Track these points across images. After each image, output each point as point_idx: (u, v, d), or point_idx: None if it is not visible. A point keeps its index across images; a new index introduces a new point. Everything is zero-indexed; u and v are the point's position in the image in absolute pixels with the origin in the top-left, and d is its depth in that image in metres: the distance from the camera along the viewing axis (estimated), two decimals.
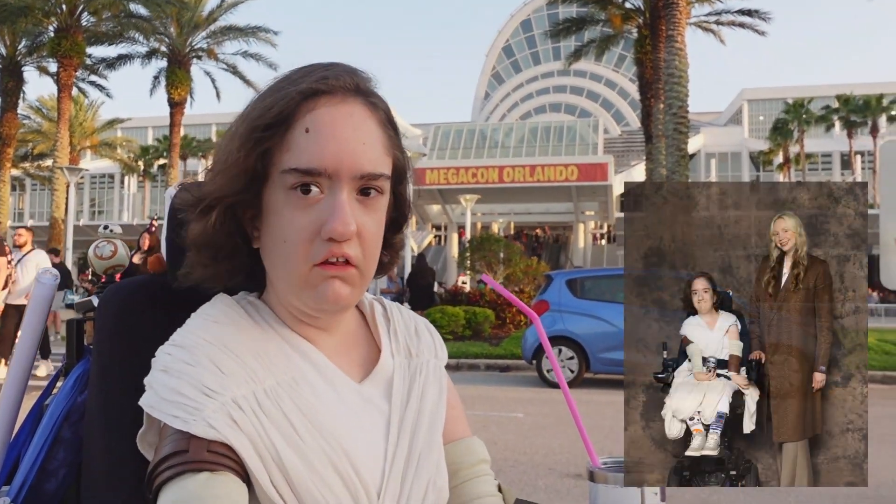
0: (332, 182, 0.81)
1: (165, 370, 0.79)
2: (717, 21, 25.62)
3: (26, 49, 28.35)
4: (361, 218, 0.82)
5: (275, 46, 31.86)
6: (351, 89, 0.84)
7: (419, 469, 0.87)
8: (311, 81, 0.82)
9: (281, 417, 0.79)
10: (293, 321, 0.89)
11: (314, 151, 0.80)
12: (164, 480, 0.73)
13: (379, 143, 0.84)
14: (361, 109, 0.83)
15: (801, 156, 46.35)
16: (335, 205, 0.80)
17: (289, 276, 0.83)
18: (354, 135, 0.81)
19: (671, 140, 19.43)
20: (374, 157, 0.83)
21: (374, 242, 0.84)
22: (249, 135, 0.82)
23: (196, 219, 0.86)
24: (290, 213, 0.81)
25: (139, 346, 1.02)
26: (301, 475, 0.77)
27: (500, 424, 7.15)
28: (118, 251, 1.20)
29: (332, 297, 0.82)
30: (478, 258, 21.32)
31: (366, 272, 0.85)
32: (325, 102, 0.82)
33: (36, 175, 44.10)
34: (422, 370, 0.97)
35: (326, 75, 0.83)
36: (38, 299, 1.06)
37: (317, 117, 0.81)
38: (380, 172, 0.83)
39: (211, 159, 0.89)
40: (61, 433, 1.13)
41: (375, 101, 0.86)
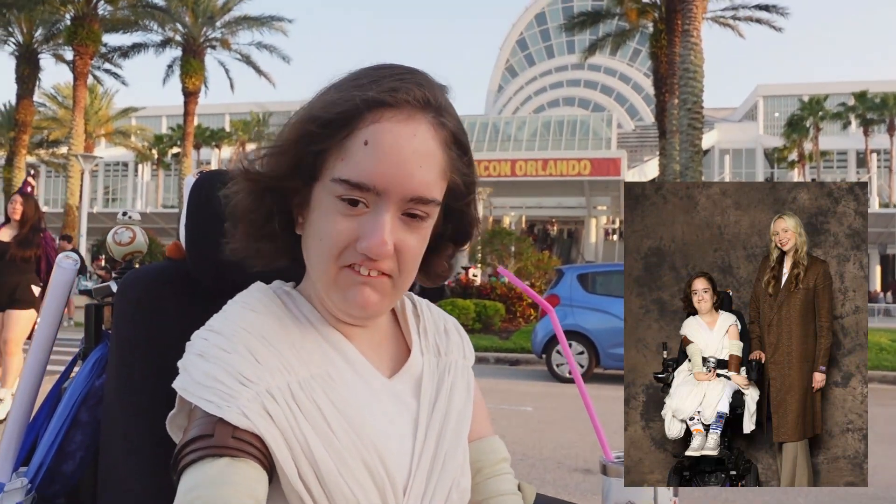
0: (380, 199, 0.79)
1: (202, 354, 0.79)
2: (734, 16, 25.43)
3: (43, 37, 28.48)
4: (401, 235, 0.81)
5: (286, 35, 31.83)
6: (420, 105, 0.81)
7: (444, 468, 0.87)
8: (379, 90, 0.79)
9: (314, 410, 0.79)
10: (328, 315, 0.89)
11: (369, 167, 0.78)
12: (187, 463, 0.74)
13: (437, 166, 0.82)
14: (427, 129, 0.81)
15: (816, 153, 45.99)
16: (377, 223, 0.79)
17: (320, 273, 0.84)
18: (413, 157, 0.79)
19: (685, 136, 19.32)
20: (428, 181, 0.81)
21: (411, 259, 0.83)
22: (307, 128, 0.80)
23: (240, 191, 0.86)
24: (332, 217, 0.81)
25: (158, 332, 1.03)
26: (331, 469, 0.77)
27: (509, 418, 7.16)
28: (136, 237, 1.20)
29: (360, 303, 0.82)
30: (489, 251, 21.32)
31: (400, 284, 0.84)
32: (390, 117, 0.79)
33: (51, 162, 44.33)
34: (450, 370, 0.97)
35: (396, 87, 0.80)
36: (59, 284, 1.08)
37: (378, 132, 0.78)
38: (430, 198, 0.81)
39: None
40: (79, 416, 1.15)
41: (444, 120, 0.83)
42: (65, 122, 36.10)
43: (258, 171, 0.84)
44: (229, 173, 0.88)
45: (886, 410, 8.10)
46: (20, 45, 28.30)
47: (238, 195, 0.86)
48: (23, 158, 29.46)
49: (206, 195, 1.03)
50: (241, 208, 0.86)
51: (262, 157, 0.85)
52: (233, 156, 0.90)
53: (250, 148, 0.97)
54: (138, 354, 1.03)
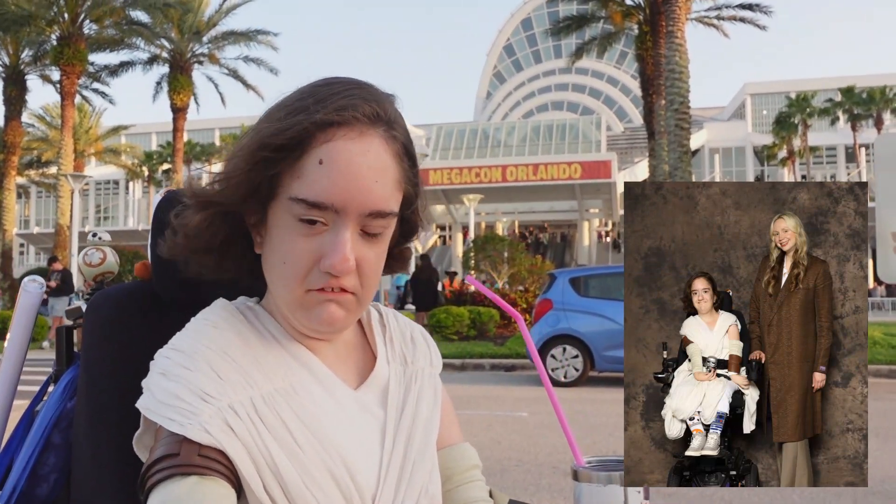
0: (339, 216, 0.80)
1: (164, 373, 0.79)
2: (717, 16, 25.57)
3: (29, 58, 28.46)
4: (362, 251, 0.82)
5: (276, 49, 31.90)
6: (370, 121, 0.81)
7: (413, 476, 0.88)
8: (327, 112, 0.79)
9: (278, 424, 0.79)
10: (292, 330, 0.89)
11: (325, 186, 0.79)
12: (154, 483, 0.74)
13: (392, 178, 0.83)
14: (379, 143, 0.82)
15: (805, 149, 46.17)
16: (337, 241, 0.80)
17: (285, 296, 0.84)
18: (369, 173, 0.80)
19: (673, 136, 19.40)
20: (384, 195, 0.81)
21: (373, 274, 0.84)
22: (258, 153, 0.80)
23: (192, 212, 0.86)
24: (292, 238, 0.81)
25: (126, 353, 1.03)
26: (296, 481, 0.77)
27: (504, 424, 7.15)
28: (107, 258, 1.20)
29: (326, 320, 0.83)
30: (482, 258, 21.32)
31: (363, 299, 0.85)
32: (342, 135, 0.79)
33: (41, 182, 44.23)
34: (417, 378, 0.97)
35: (345, 105, 0.80)
36: (25, 307, 1.07)
37: (332, 150, 0.79)
38: (388, 211, 0.82)
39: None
40: (52, 439, 1.14)
41: (395, 133, 0.84)
42: (54, 143, 36.01)
43: (212, 198, 0.85)
44: (182, 197, 0.89)
45: (881, 405, 8.12)
46: (7, 67, 28.28)
47: (193, 220, 0.86)
48: (12, 180, 29.39)
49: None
50: (187, 226, 0.86)
51: (214, 184, 0.85)
52: (185, 179, 0.91)
53: (195, 168, 0.98)
54: (106, 375, 1.03)
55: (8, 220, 28.80)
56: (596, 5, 26.26)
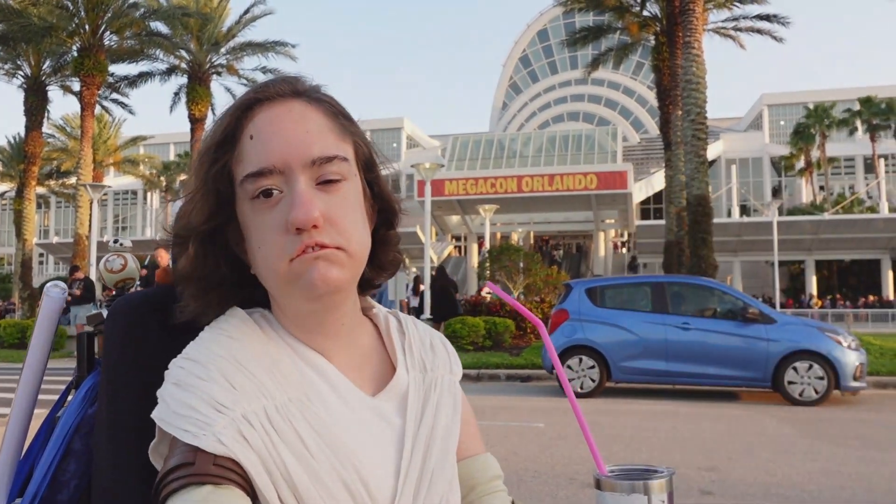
0: (287, 177, 0.81)
1: (178, 384, 0.80)
2: (734, 27, 25.51)
3: (50, 69, 28.86)
4: (326, 202, 0.82)
5: (295, 60, 32.12)
6: (289, 93, 0.85)
7: (432, 485, 0.86)
8: (249, 93, 0.85)
9: (292, 434, 0.79)
10: (303, 333, 0.88)
11: (261, 152, 0.81)
12: (169, 492, 0.73)
13: (326, 129, 0.84)
14: (302, 106, 0.85)
15: (824, 160, 45.85)
16: (294, 195, 0.80)
17: (274, 278, 0.83)
18: (295, 126, 0.83)
19: (690, 147, 19.31)
20: (322, 142, 0.83)
21: (349, 223, 0.83)
22: (204, 158, 0.84)
23: (178, 254, 0.88)
24: (259, 220, 0.82)
25: (146, 359, 1.03)
26: (310, 492, 0.76)
27: (521, 434, 7.12)
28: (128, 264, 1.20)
29: (319, 278, 0.80)
30: (497, 268, 21.31)
31: (352, 252, 0.83)
32: (266, 108, 0.84)
33: (60, 192, 44.77)
34: (436, 385, 0.96)
35: (265, 86, 0.86)
36: (47, 312, 1.08)
37: (258, 122, 0.83)
38: (332, 154, 0.82)
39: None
40: (72, 445, 1.14)
41: (318, 97, 0.87)
42: (74, 153, 36.49)
43: (189, 224, 0.86)
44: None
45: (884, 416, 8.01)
46: (28, 78, 28.67)
47: (181, 256, 0.87)
48: (32, 190, 29.76)
49: None
50: (181, 269, 0.88)
51: (184, 212, 0.87)
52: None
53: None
54: (127, 381, 1.03)
55: (28, 229, 29.15)
56: (612, 16, 26.26)
